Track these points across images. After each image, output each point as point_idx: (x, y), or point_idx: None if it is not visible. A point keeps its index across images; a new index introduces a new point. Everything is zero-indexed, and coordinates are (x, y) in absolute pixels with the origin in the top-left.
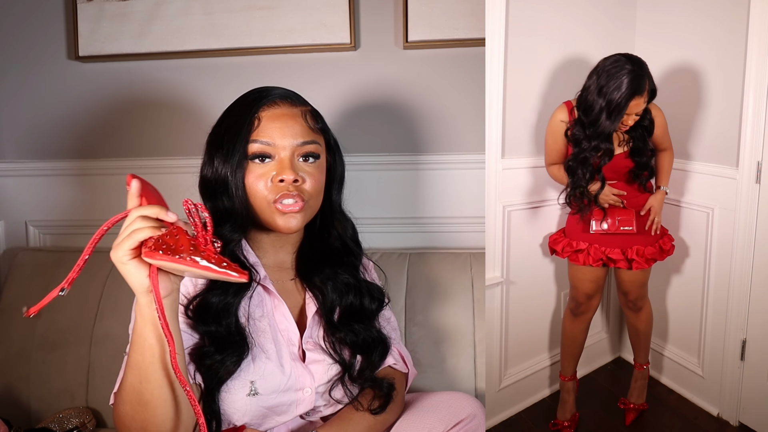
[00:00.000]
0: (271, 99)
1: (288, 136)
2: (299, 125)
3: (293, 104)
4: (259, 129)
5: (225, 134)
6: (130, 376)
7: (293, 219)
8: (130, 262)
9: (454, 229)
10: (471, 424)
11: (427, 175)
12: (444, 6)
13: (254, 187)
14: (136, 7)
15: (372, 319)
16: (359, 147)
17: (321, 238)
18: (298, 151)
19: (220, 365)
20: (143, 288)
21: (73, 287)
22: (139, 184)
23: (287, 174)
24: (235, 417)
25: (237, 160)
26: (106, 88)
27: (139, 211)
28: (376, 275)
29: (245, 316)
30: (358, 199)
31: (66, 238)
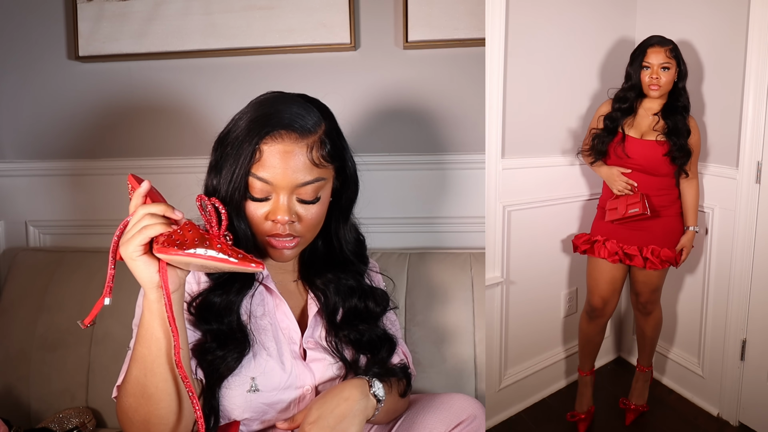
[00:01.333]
0: (276, 129)
1: (288, 176)
2: (302, 163)
3: (299, 137)
4: (260, 163)
5: (228, 157)
6: (135, 369)
7: (287, 252)
8: (140, 258)
9: (454, 229)
10: (471, 426)
11: (427, 175)
12: (444, 6)
13: (251, 214)
14: (136, 7)
15: (377, 320)
16: (359, 147)
17: (326, 243)
18: (297, 192)
19: (221, 361)
20: (153, 284)
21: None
22: (149, 184)
23: (281, 215)
24: (235, 413)
25: (236, 186)
26: (106, 88)
27: (146, 209)
28: (383, 283)
29: (247, 314)
30: (358, 199)
31: (66, 238)
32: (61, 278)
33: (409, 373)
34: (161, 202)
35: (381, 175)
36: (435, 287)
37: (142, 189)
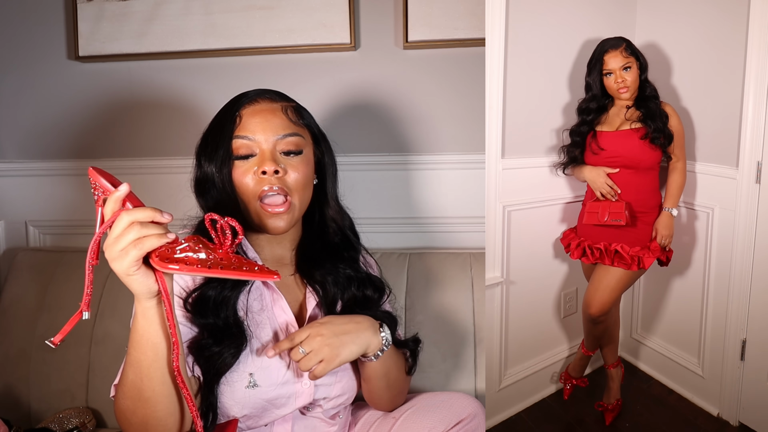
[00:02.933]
0: (251, 97)
1: (268, 130)
2: (279, 119)
3: (273, 100)
4: (241, 125)
5: (209, 135)
6: (131, 373)
7: (280, 220)
8: (137, 273)
9: (455, 229)
10: (471, 424)
11: (427, 175)
12: (444, 6)
13: (240, 182)
14: (136, 7)
15: (376, 307)
16: (360, 147)
17: (320, 234)
18: (279, 144)
19: (218, 357)
20: (151, 293)
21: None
22: (128, 187)
23: (268, 165)
24: (235, 409)
25: (222, 157)
26: (106, 88)
27: (130, 216)
28: (378, 272)
29: (243, 309)
30: (358, 199)
31: (66, 238)
32: (61, 278)
33: (418, 349)
34: (145, 207)
35: (381, 174)
36: (435, 287)
37: (121, 192)
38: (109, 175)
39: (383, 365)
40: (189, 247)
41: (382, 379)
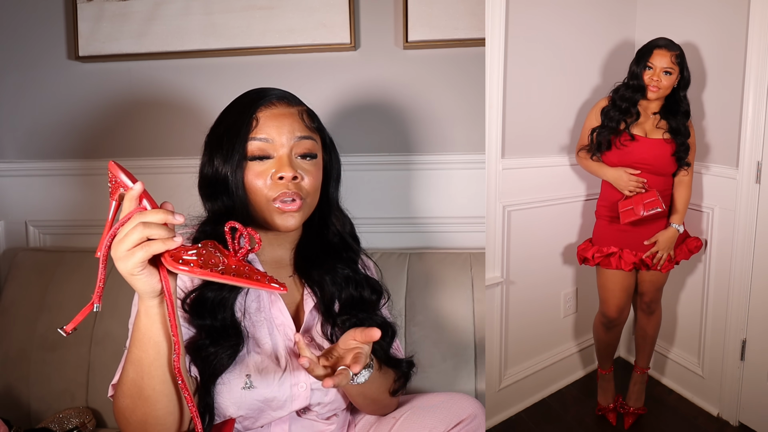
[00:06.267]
0: (269, 99)
1: (286, 133)
2: (296, 123)
3: (290, 104)
4: (258, 128)
5: (224, 135)
6: (131, 371)
7: (291, 218)
8: (141, 273)
9: (454, 229)
10: (471, 425)
11: (427, 175)
12: (444, 6)
13: (254, 185)
14: (136, 7)
15: (374, 309)
16: (360, 147)
17: (319, 235)
18: (296, 148)
19: (214, 357)
20: (155, 293)
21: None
22: (142, 186)
23: (286, 171)
24: (231, 410)
25: (237, 159)
26: (106, 88)
27: (142, 217)
28: (377, 274)
29: (241, 311)
30: (358, 199)
31: (66, 238)
32: (61, 278)
33: (411, 372)
34: (158, 209)
35: (382, 174)
36: (435, 287)
37: (135, 191)
38: (128, 172)
39: (358, 387)
40: (203, 250)
41: (358, 396)
